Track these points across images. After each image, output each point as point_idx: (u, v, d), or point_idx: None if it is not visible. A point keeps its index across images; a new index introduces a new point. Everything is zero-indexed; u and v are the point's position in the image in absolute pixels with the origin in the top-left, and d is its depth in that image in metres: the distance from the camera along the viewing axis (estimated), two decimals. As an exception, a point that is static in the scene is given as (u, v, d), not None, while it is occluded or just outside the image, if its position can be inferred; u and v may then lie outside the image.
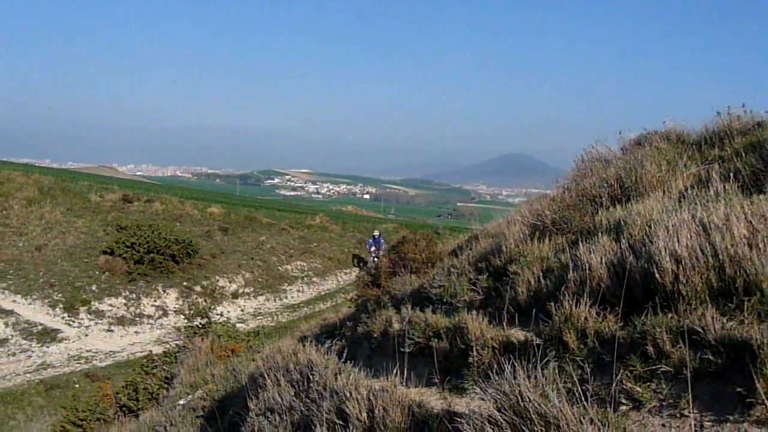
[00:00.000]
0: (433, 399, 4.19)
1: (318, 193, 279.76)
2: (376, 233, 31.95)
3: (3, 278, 26.17)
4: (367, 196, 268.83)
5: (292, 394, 4.94)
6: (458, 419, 3.14)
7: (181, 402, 9.30)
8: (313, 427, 4.25)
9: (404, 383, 4.31)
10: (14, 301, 25.27)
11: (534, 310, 4.85)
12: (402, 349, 5.74)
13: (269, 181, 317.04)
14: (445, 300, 6.54)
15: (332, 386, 4.47)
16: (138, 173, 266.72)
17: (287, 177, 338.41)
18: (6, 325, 23.89)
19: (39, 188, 33.03)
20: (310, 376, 4.91)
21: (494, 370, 4.29)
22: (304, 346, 5.72)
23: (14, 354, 22.91)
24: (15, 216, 30.23)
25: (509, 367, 3.10)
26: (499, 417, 2.89)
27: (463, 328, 5.00)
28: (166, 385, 11.48)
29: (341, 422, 4.00)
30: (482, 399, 3.09)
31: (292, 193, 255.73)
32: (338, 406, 4.15)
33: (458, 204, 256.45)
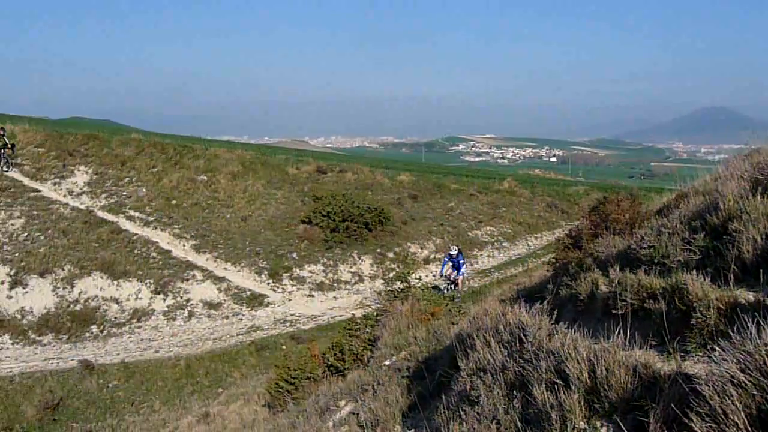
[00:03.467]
0: (657, 361, 4.05)
1: (503, 157, 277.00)
2: (454, 250, 23.61)
3: (215, 247, 28.28)
4: (553, 159, 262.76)
5: (505, 354, 4.96)
6: (694, 380, 3.01)
7: (387, 362, 9.61)
8: (529, 386, 4.24)
9: (621, 345, 4.19)
10: (225, 268, 27.24)
11: (762, 270, 4.53)
12: (614, 311, 5.59)
13: (454, 147, 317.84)
14: (656, 261, 6.27)
15: (547, 347, 4.43)
16: (328, 145, 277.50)
17: (471, 143, 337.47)
18: (219, 290, 25.86)
19: (242, 163, 35.19)
20: (522, 337, 4.90)
21: (721, 332, 4.07)
22: (512, 307, 5.72)
23: (227, 317, 24.78)
24: (222, 189, 32.46)
25: (753, 325, 2.92)
26: (743, 378, 2.74)
27: (682, 289, 4.78)
28: (370, 347, 11.91)
29: (560, 382, 3.96)
30: (723, 360, 2.93)
31: (477, 159, 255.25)
32: (556, 366, 4.12)
33: (652, 164, 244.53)
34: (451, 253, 23.49)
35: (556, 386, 3.97)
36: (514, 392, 4.46)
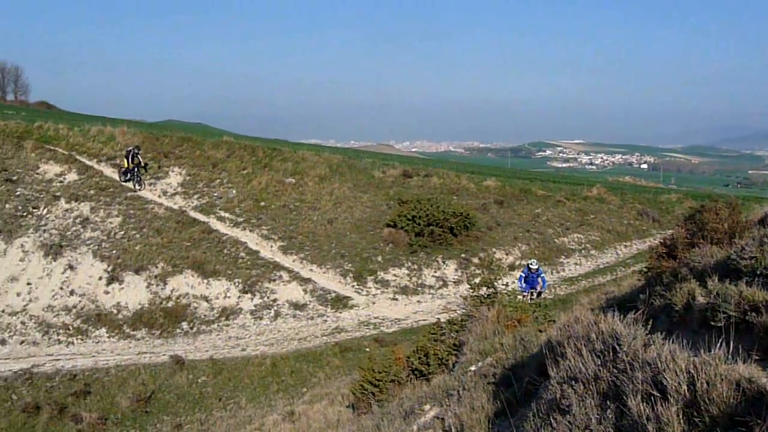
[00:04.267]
0: (762, 375, 3.89)
1: (591, 164, 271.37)
2: (534, 264, 20.61)
3: (302, 249, 28.72)
4: (644, 166, 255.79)
5: (597, 363, 4.86)
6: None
7: (472, 368, 9.56)
8: (624, 397, 4.15)
9: (723, 358, 4.05)
10: (311, 270, 27.63)
11: None
12: (712, 323, 5.41)
13: (540, 153, 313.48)
14: (758, 272, 6.05)
15: (643, 357, 4.32)
16: (413, 149, 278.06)
17: (559, 148, 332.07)
18: (305, 291, 26.25)
19: (329, 166, 35.65)
20: (616, 347, 4.79)
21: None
22: (604, 315, 5.60)
23: (312, 318, 25.13)
24: (309, 192, 32.95)
25: None
26: None
27: (787, 302, 4.59)
28: (454, 352, 11.88)
29: (657, 394, 3.85)
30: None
31: (564, 165, 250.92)
32: (653, 378, 4.01)
33: (749, 172, 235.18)
34: (531, 266, 20.42)
35: (652, 398, 3.87)
36: (608, 402, 4.37)
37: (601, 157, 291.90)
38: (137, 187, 31.56)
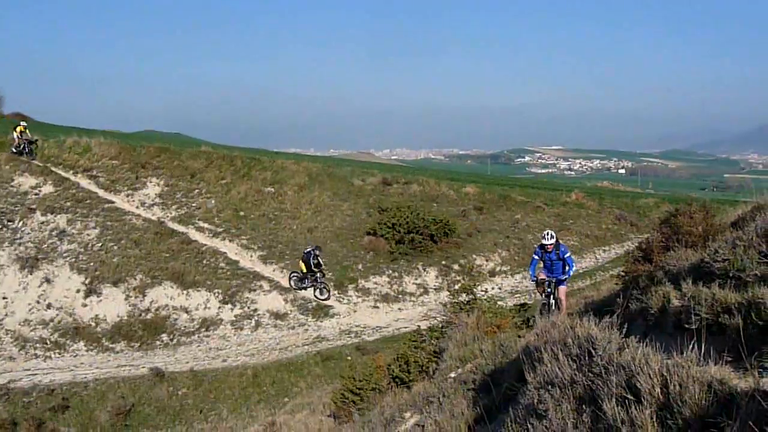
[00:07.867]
0: (733, 377, 3.93)
1: (570, 169, 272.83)
2: (548, 236, 13.21)
3: (282, 258, 28.64)
4: (622, 171, 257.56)
5: (573, 368, 4.88)
6: (774, 397, 2.91)
7: (452, 375, 9.58)
8: (599, 401, 4.17)
9: (695, 360, 4.08)
10: (292, 279, 27.47)
11: None
12: (686, 326, 5.46)
13: (519, 159, 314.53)
14: (731, 274, 6.11)
15: (618, 361, 4.35)
16: (393, 157, 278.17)
17: (538, 154, 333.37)
18: (286, 301, 26.17)
19: (308, 175, 35.57)
20: (592, 351, 4.82)
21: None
22: (581, 320, 5.64)
23: (293, 327, 25.06)
24: (289, 201, 32.88)
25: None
26: (826, 396, 2.64)
27: (759, 303, 4.65)
28: (435, 359, 11.89)
29: (632, 397, 3.88)
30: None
31: (544, 171, 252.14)
32: (627, 381, 4.03)
33: (725, 175, 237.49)
34: (544, 241, 13.21)
35: (627, 401, 3.89)
36: (583, 407, 4.39)
37: (580, 163, 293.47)
38: (320, 296, 26.86)
